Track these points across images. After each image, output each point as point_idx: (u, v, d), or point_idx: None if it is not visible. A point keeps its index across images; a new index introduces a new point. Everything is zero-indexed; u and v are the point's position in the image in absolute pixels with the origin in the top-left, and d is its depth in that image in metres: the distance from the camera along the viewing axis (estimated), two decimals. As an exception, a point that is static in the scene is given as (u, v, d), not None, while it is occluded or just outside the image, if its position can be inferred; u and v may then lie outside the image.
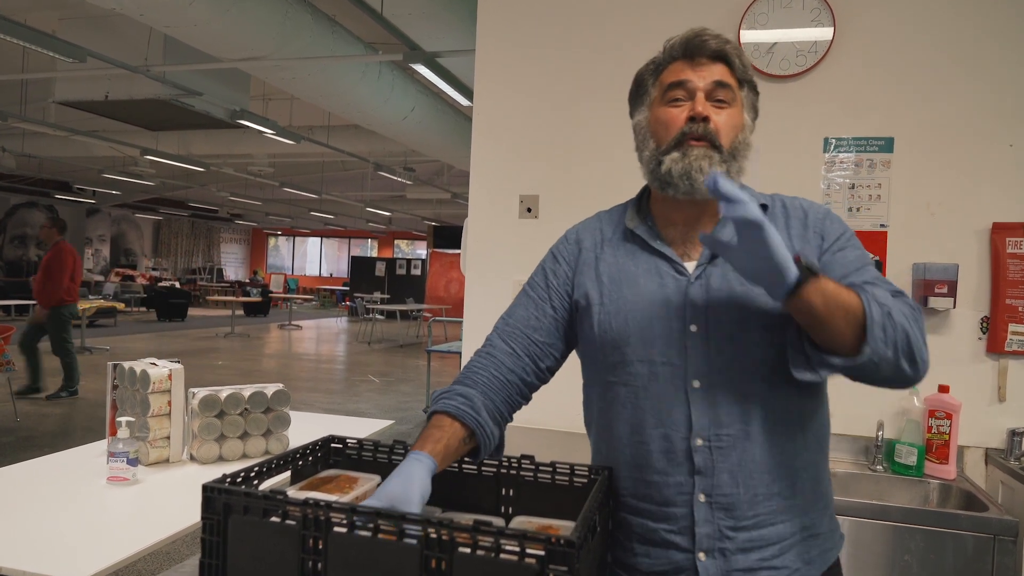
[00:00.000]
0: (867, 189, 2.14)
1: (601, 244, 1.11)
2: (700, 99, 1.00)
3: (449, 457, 0.97)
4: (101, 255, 19.34)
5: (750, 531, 0.96)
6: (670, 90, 1.03)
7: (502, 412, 1.06)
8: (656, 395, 1.00)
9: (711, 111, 1.00)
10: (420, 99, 6.40)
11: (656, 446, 0.99)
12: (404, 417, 6.38)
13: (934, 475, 1.95)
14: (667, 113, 1.02)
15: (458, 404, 1.00)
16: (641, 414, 1.01)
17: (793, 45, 2.17)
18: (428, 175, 12.65)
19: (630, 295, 1.03)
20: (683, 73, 1.02)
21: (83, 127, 8.37)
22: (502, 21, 2.46)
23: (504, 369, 1.07)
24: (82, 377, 6.82)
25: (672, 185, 1.00)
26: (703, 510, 0.97)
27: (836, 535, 1.04)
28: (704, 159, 0.98)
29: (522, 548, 0.74)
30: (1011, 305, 2.03)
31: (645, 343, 1.00)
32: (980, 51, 2.06)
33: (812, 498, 1.00)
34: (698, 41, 1.02)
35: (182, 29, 4.13)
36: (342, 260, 25.91)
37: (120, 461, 1.63)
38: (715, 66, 1.02)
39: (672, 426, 0.98)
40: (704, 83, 1.01)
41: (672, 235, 1.06)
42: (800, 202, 1.07)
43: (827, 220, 1.04)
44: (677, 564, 0.99)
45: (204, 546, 0.86)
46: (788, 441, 0.98)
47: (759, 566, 0.96)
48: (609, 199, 1.23)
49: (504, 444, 1.08)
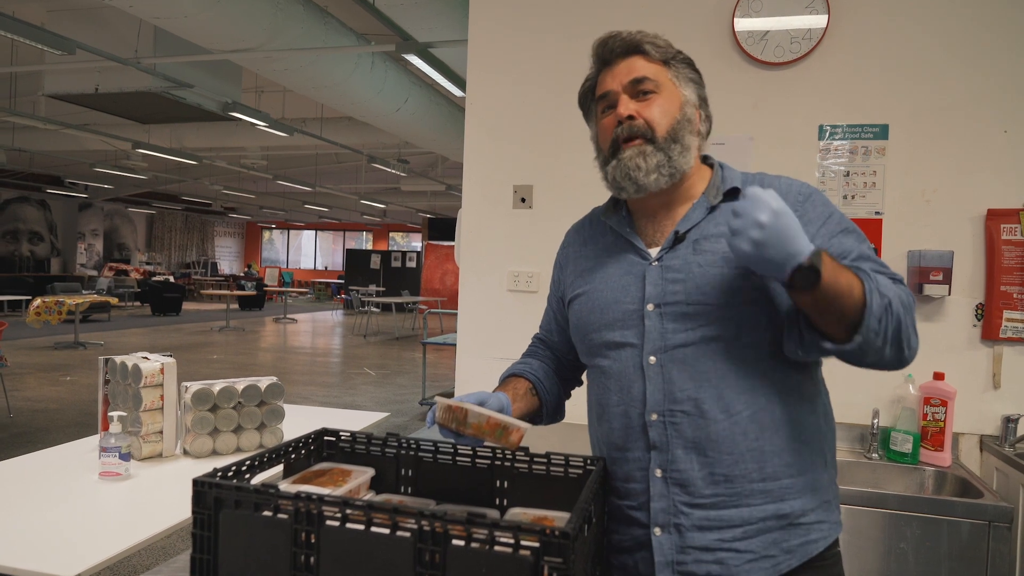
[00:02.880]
0: (862, 177, 2.13)
1: (584, 242, 1.18)
2: (622, 101, 1.04)
3: (519, 399, 1.12)
4: (94, 250, 19.23)
5: (707, 510, 0.97)
6: (600, 102, 1.09)
7: (558, 379, 1.22)
8: (618, 374, 1.05)
9: (635, 107, 1.03)
10: (413, 90, 6.36)
11: (618, 423, 1.04)
12: (400, 410, 6.38)
13: (929, 462, 1.96)
14: (602, 124, 1.09)
15: (522, 367, 1.20)
16: (608, 394, 1.06)
17: (787, 32, 2.15)
18: (422, 167, 12.61)
19: (600, 284, 1.09)
20: (604, 84, 1.07)
21: (74, 120, 8.30)
22: (494, 10, 2.44)
23: (548, 354, 1.26)
24: (75, 372, 6.79)
25: (622, 188, 1.05)
26: (659, 485, 0.99)
27: (826, 526, 1.00)
28: (638, 156, 1.02)
29: (517, 540, 0.73)
30: (1006, 292, 2.03)
31: (610, 326, 1.06)
32: (974, 38, 2.05)
33: (792, 485, 0.98)
34: (608, 46, 1.06)
35: (172, 20, 4.08)
36: (337, 253, 25.85)
37: (112, 456, 1.62)
38: (630, 61, 1.05)
39: (631, 402, 1.02)
40: (621, 85, 1.05)
41: (645, 225, 1.10)
42: (782, 183, 1.04)
43: (808, 203, 1.01)
44: (637, 540, 1.01)
45: (195, 541, 0.85)
46: (751, 422, 0.97)
47: (718, 546, 0.96)
48: (603, 189, 1.22)
49: (564, 410, 1.25)
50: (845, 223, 1.02)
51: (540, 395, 1.18)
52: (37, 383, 6.98)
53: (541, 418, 1.19)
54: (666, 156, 1.02)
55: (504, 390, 1.13)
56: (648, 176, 1.02)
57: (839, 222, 1.01)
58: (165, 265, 21.67)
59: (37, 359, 8.49)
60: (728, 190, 1.05)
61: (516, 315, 2.41)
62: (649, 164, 1.01)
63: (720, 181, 1.06)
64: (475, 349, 2.45)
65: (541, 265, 2.39)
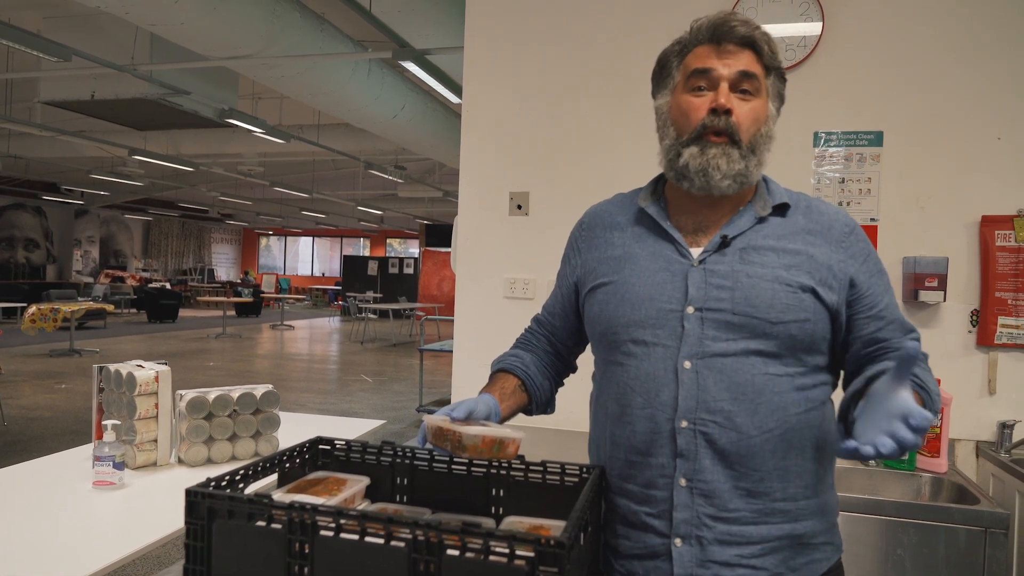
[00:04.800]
0: (857, 183, 2.14)
1: (611, 227, 1.11)
2: (724, 90, 0.97)
3: (507, 397, 1.10)
4: (90, 256, 19.18)
5: (730, 524, 0.95)
6: (693, 77, 1.00)
7: (550, 372, 1.19)
8: (646, 374, 0.99)
9: (734, 103, 0.97)
10: (410, 97, 6.37)
11: (641, 426, 0.99)
12: (397, 417, 6.36)
13: (926, 469, 1.96)
14: (689, 102, 1.00)
15: (511, 362, 1.16)
16: (630, 393, 1.01)
17: (782, 40, 2.16)
18: (420, 173, 12.61)
19: (632, 277, 1.03)
20: (708, 60, 0.99)
21: (70, 127, 8.29)
22: (491, 17, 2.44)
23: (543, 342, 1.21)
24: (70, 380, 6.76)
25: (688, 179, 0.99)
26: (683, 495, 0.96)
27: (831, 548, 1.01)
28: (722, 157, 0.96)
29: (512, 550, 0.72)
30: (1000, 298, 2.03)
31: (641, 323, 1.00)
32: (968, 45, 2.06)
33: (808, 507, 0.98)
34: (726, 26, 0.98)
35: (168, 27, 4.09)
36: (334, 259, 25.82)
37: (106, 465, 1.61)
38: (742, 53, 0.98)
39: (659, 406, 0.98)
40: (729, 72, 0.97)
41: (683, 222, 1.05)
42: (827, 209, 1.04)
43: (852, 236, 1.02)
44: (653, 549, 0.98)
45: (188, 552, 0.85)
46: (781, 441, 0.96)
47: (737, 562, 0.95)
48: (600, 195, 1.22)
49: (555, 403, 1.21)
50: (880, 264, 1.03)
51: (529, 391, 1.14)
52: (32, 391, 6.95)
53: (530, 412, 1.17)
54: (746, 167, 0.98)
55: (491, 390, 1.10)
56: (723, 181, 0.97)
57: (876, 263, 1.03)
58: (161, 272, 21.62)
59: (32, 367, 8.45)
60: (778, 204, 1.03)
61: (513, 322, 2.40)
62: (730, 169, 0.96)
63: (767, 193, 1.04)
64: (472, 356, 2.45)
65: (537, 272, 2.39)
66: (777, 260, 0.98)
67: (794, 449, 0.97)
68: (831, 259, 0.99)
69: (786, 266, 0.98)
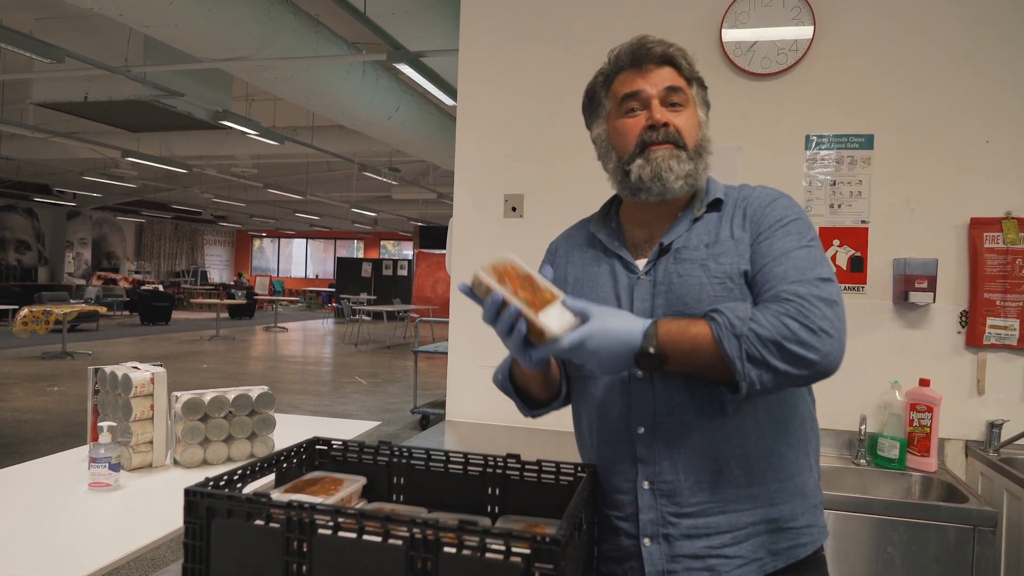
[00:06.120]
0: (848, 186, 2.16)
1: (572, 250, 1.17)
2: (656, 106, 1.03)
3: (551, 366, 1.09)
4: (82, 259, 19.08)
5: (694, 518, 0.98)
6: (625, 101, 1.05)
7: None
8: (604, 386, 1.05)
9: (668, 116, 1.02)
10: (404, 99, 6.38)
11: (604, 435, 1.05)
12: (391, 418, 6.36)
13: (916, 468, 1.98)
14: (624, 123, 1.05)
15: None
16: (593, 405, 1.07)
17: (774, 43, 2.18)
18: (414, 175, 12.61)
19: (590, 297, 1.06)
20: (635, 83, 1.04)
21: (62, 129, 8.25)
22: (485, 19, 2.46)
23: None
24: (63, 382, 6.73)
25: (644, 189, 1.03)
26: (647, 497, 1.00)
27: (815, 530, 1.02)
28: (672, 159, 1.01)
29: (508, 547, 0.74)
30: (989, 299, 2.06)
31: None
32: (958, 49, 2.09)
33: (780, 489, 0.99)
34: (644, 49, 1.04)
35: (162, 29, 4.08)
36: (328, 261, 25.76)
37: (102, 467, 1.61)
38: (663, 70, 1.04)
39: (616, 415, 1.03)
40: (657, 90, 1.03)
41: (638, 236, 1.10)
42: (758, 192, 1.05)
43: (769, 207, 1.02)
44: (625, 550, 1.02)
45: (187, 551, 0.85)
46: (735, 428, 0.98)
47: (707, 553, 0.97)
48: (595, 197, 1.23)
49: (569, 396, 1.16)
50: (794, 228, 0.99)
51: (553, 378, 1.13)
52: (24, 393, 6.91)
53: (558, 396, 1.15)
54: (695, 167, 1.02)
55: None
56: (676, 181, 1.01)
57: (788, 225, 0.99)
58: (154, 274, 21.52)
59: (24, 369, 8.41)
60: (711, 201, 1.06)
61: (507, 323, 2.42)
62: (680, 169, 1.01)
63: (704, 194, 1.07)
64: (466, 357, 2.46)
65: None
66: (706, 253, 1.01)
67: (751, 434, 0.98)
68: (752, 234, 1.01)
69: (714, 256, 1.00)
